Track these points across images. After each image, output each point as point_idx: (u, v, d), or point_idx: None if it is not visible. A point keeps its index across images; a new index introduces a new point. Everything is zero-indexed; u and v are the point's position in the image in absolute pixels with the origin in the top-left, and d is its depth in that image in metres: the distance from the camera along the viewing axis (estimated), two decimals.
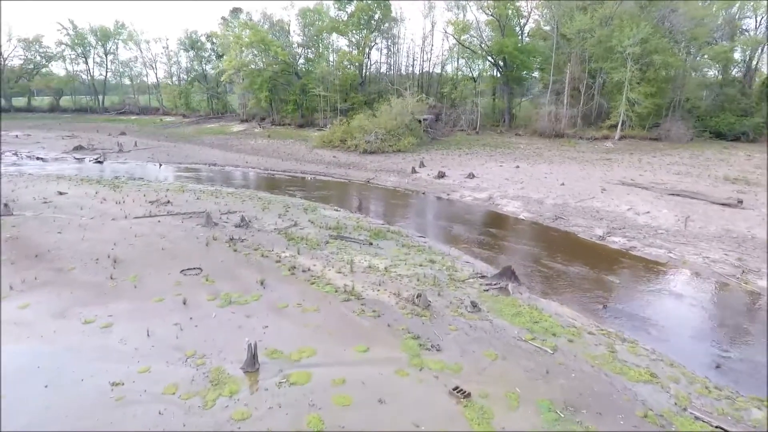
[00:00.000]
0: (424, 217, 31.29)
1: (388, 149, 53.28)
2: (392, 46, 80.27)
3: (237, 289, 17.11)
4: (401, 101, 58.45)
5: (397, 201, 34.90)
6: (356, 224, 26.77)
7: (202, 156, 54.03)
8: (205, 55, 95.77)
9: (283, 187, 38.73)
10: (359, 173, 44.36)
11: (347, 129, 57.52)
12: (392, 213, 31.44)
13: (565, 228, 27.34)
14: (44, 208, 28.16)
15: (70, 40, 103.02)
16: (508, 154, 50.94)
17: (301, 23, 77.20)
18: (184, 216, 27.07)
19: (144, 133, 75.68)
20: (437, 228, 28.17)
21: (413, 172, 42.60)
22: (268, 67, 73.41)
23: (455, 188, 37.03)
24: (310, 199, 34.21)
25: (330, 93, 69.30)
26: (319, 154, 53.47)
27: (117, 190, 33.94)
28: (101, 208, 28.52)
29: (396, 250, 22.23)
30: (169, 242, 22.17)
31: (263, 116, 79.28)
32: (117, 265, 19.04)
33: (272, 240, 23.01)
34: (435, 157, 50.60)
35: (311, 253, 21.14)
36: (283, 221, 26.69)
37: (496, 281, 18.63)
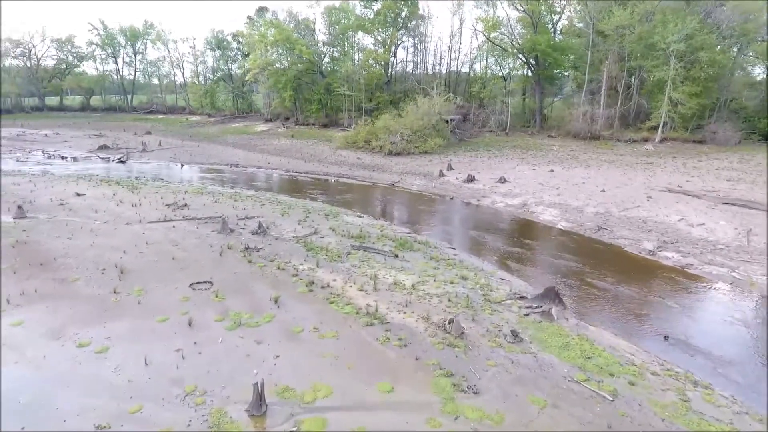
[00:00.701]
0: (453, 226, 29.21)
1: (413, 151, 51.33)
2: (419, 44, 78.23)
3: (248, 307, 15.48)
4: (428, 101, 56.38)
5: (424, 206, 32.92)
6: (380, 233, 24.93)
7: (224, 156, 53.15)
8: (230, 54, 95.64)
9: (304, 189, 37.23)
10: (384, 176, 42.54)
11: (372, 129, 55.81)
12: (419, 220, 29.49)
13: (609, 240, 24.88)
14: (59, 210, 27.29)
15: (100, 40, 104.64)
16: (541, 157, 48.30)
17: (326, 21, 75.90)
18: (200, 221, 25.75)
19: (169, 133, 75.69)
20: (468, 238, 26.07)
21: (440, 176, 40.54)
22: (292, 66, 72.38)
23: (486, 193, 34.81)
24: (333, 203, 32.56)
25: (355, 92, 67.73)
26: (342, 156, 51.89)
27: (135, 191, 33.00)
28: (116, 211, 27.49)
29: (424, 264, 20.29)
30: (180, 250, 20.79)
31: (287, 116, 78.32)
32: (123, 277, 17.68)
33: (290, 250, 21.38)
34: (463, 159, 48.38)
35: (331, 266, 19.40)
36: (303, 228, 25.06)
37: (537, 304, 16.50)
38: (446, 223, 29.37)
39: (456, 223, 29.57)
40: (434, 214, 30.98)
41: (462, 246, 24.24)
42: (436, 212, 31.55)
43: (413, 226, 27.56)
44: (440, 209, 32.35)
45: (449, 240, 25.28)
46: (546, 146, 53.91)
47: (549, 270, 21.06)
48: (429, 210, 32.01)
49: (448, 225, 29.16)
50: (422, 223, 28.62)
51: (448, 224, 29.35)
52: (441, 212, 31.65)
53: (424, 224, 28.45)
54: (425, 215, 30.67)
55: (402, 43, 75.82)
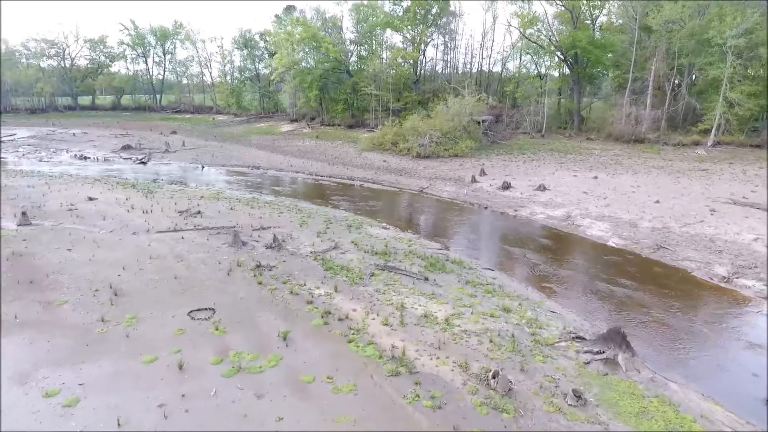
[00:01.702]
0: (488, 240, 26.26)
1: (443, 154, 48.46)
2: (450, 42, 75.17)
3: (252, 345, 13.10)
4: (459, 101, 53.37)
5: (456, 217, 30.10)
6: (408, 248, 22.27)
7: (246, 157, 51.45)
8: (257, 53, 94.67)
9: (327, 195, 34.90)
10: (412, 181, 39.86)
11: (399, 131, 53.17)
12: (450, 233, 26.71)
13: (672, 262, 21.54)
14: (67, 216, 25.70)
15: (131, 40, 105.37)
16: (581, 162, 44.70)
17: (353, 19, 73.71)
18: (212, 231, 23.66)
19: (194, 132, 74.93)
20: (507, 256, 23.11)
21: (473, 182, 37.57)
22: (318, 65, 70.44)
23: (524, 203, 31.71)
24: (356, 211, 30.09)
25: (382, 92, 65.23)
26: (368, 158, 49.43)
27: (149, 196, 31.32)
28: (125, 218, 25.71)
29: (458, 290, 17.54)
30: (185, 267, 18.64)
31: (313, 116, 76.52)
32: (116, 300, 15.59)
33: (306, 268, 18.97)
34: (496, 163, 45.23)
35: (352, 291, 16.87)
36: (322, 241, 22.65)
37: (599, 348, 13.56)
38: (481, 237, 26.46)
39: (492, 238, 26.60)
40: (467, 226, 28.10)
41: (501, 266, 21.34)
42: (469, 224, 28.66)
43: (444, 241, 24.80)
44: (473, 220, 29.43)
45: (486, 258, 22.43)
46: (586, 150, 50.15)
47: (606, 299, 17.99)
48: (461, 221, 29.17)
49: (484, 239, 26.24)
50: (454, 237, 25.82)
51: (484, 238, 26.41)
52: (474, 224, 28.74)
53: (456, 238, 25.65)
54: (457, 227, 27.84)
55: (432, 40, 73.00)
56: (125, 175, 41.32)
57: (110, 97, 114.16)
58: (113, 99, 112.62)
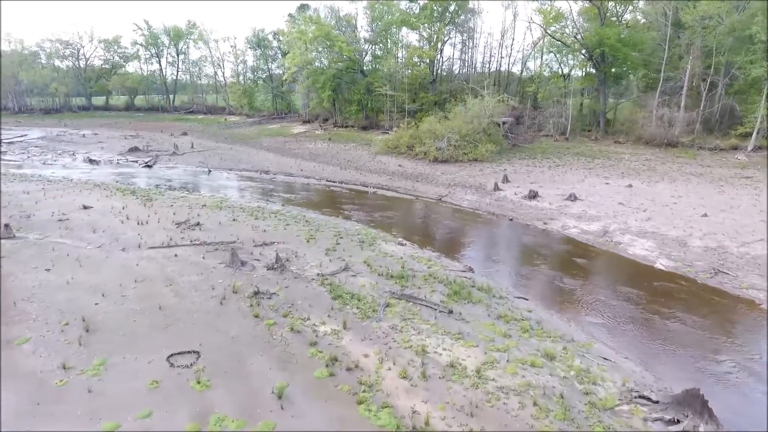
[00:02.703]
0: (518, 260, 23.37)
1: (462, 158, 45.68)
2: (468, 40, 72.22)
3: (240, 405, 10.62)
4: (479, 102, 50.54)
5: (479, 230, 27.38)
6: (427, 269, 19.65)
7: (255, 161, 49.30)
8: (270, 53, 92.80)
9: (338, 204, 32.42)
10: (429, 188, 37.18)
11: (415, 133, 50.56)
12: (474, 250, 23.98)
13: (735, 290, 18.56)
14: (55, 228, 23.61)
15: (144, 40, 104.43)
16: (611, 168, 41.55)
17: (368, 17, 71.28)
18: (209, 248, 21.32)
19: (205, 134, 73.27)
20: (541, 280, 20.30)
21: (496, 189, 34.76)
22: (331, 65, 68.14)
23: (553, 214, 28.82)
24: (369, 223, 27.55)
25: (397, 92, 62.64)
26: (382, 162, 46.89)
27: (148, 204, 29.19)
28: (117, 230, 23.52)
29: (489, 327, 14.86)
30: (173, 294, 16.28)
31: (325, 117, 74.27)
32: (87, 338, 13.27)
33: (311, 296, 16.47)
34: (519, 168, 42.32)
35: (363, 328, 14.31)
36: (331, 261, 20.14)
37: (672, 415, 10.80)
38: (509, 256, 23.63)
39: (521, 256, 23.74)
40: (492, 242, 25.33)
41: (536, 294, 18.57)
42: (494, 239, 25.88)
43: (467, 260, 22.10)
44: (498, 235, 26.64)
45: (517, 283, 19.70)
46: (614, 154, 46.93)
47: (665, 341, 15.13)
48: (485, 235, 26.42)
49: (512, 258, 23.39)
50: (478, 255, 23.10)
51: (512, 257, 23.57)
52: (500, 239, 25.93)
53: (480, 256, 22.92)
54: (481, 243, 25.10)
55: (450, 39, 70.18)
56: (128, 179, 39.39)
57: (124, 97, 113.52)
58: (127, 99, 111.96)
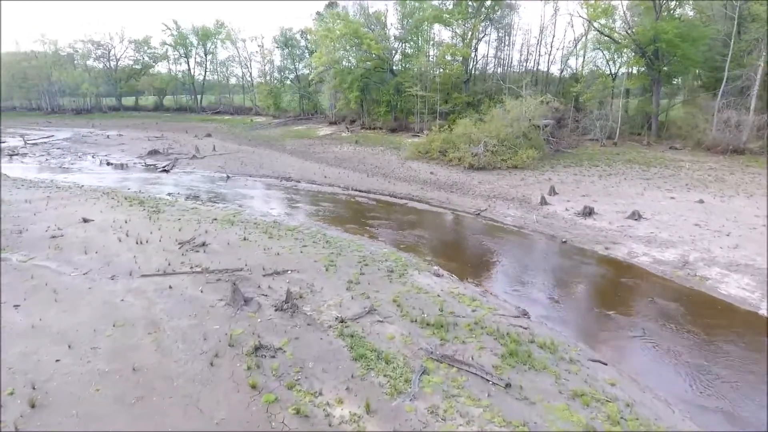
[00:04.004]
0: (581, 299, 19.03)
1: (500, 165, 41.50)
2: (505, 37, 67.64)
3: None
4: (519, 103, 46.19)
5: (528, 256, 23.33)
6: (472, 313, 15.84)
7: (277, 166, 46.32)
8: (297, 52, 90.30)
9: (363, 218, 28.87)
10: (465, 200, 33.22)
11: (448, 137, 46.58)
12: (525, 283, 19.95)
13: None
14: (44, 248, 20.90)
15: (173, 40, 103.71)
16: (672, 178, 36.60)
17: (399, 13, 67.60)
18: (211, 277, 18.09)
19: (230, 135, 71.13)
20: (618, 332, 16.01)
21: (543, 203, 30.54)
22: (359, 64, 64.81)
23: (616, 237, 24.46)
24: (399, 245, 23.86)
25: (429, 93, 58.74)
26: (413, 169, 43.13)
27: (153, 217, 26.34)
28: (112, 251, 20.61)
29: (563, 412, 10.96)
30: (154, 348, 13.01)
31: (353, 119, 71.05)
32: (28, 418, 10.09)
33: (326, 354, 12.93)
34: (566, 177, 37.85)
35: (393, 411, 10.65)
36: (353, 298, 16.57)
37: None
38: (568, 293, 19.40)
39: (584, 294, 19.47)
40: (545, 272, 21.20)
41: (614, 353, 14.45)
42: (548, 268, 21.74)
43: (519, 297, 18.14)
44: (552, 262, 22.46)
45: (585, 334, 15.63)
46: (672, 162, 41.81)
47: None
48: (536, 263, 22.32)
49: (573, 297, 19.14)
50: (531, 291, 19.06)
51: (572, 295, 19.31)
52: (554, 268, 21.76)
53: (534, 293, 18.88)
54: (532, 273, 21.03)
55: (485, 36, 65.79)
56: (141, 186, 36.89)
57: (153, 97, 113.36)
58: (155, 100, 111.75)
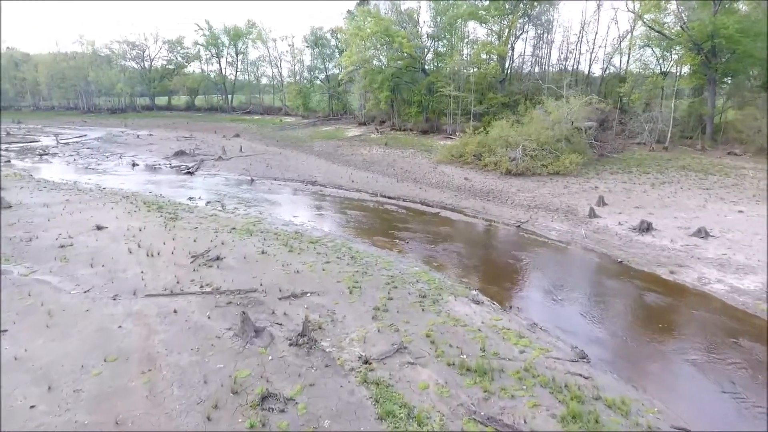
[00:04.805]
0: (649, 338, 15.83)
1: (540, 170, 38.49)
2: (544, 34, 64.08)
3: None
4: (562, 104, 43.01)
5: (579, 279, 20.51)
6: (520, 356, 13.30)
7: (303, 169, 44.55)
8: (327, 52, 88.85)
9: (392, 229, 26.56)
10: (504, 209, 30.49)
11: (484, 140, 43.83)
12: (580, 315, 17.18)
13: None
14: (50, 259, 19.48)
15: (205, 40, 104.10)
16: (736, 188, 32.83)
17: (432, 10, 65.01)
18: (221, 299, 16.16)
19: (258, 136, 70.17)
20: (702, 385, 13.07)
21: (591, 216, 27.52)
22: (390, 63, 62.60)
23: (681, 258, 21.35)
24: (432, 262, 21.45)
25: (462, 93, 55.96)
26: (445, 174, 40.57)
27: (170, 224, 24.79)
28: (119, 265, 19.00)
29: None
30: (146, 394, 11.06)
31: (382, 119, 68.89)
32: None
33: (345, 410, 10.67)
34: (614, 186, 34.57)
35: None
36: (380, 331, 14.29)
37: None
38: (633, 329, 16.39)
39: (655, 332, 16.27)
40: (602, 301, 18.33)
41: (701, 416, 11.62)
42: (604, 295, 18.84)
43: (575, 334, 15.42)
44: (608, 288, 19.52)
45: (663, 388, 12.81)
46: (732, 169, 37.80)
47: None
48: (590, 289, 19.45)
49: (639, 334, 16.03)
50: (589, 326, 16.28)
51: (638, 332, 16.19)
52: (612, 296, 18.84)
53: (592, 328, 16.10)
54: (588, 302, 18.20)
55: (524, 32, 62.46)
56: (163, 188, 35.69)
57: (185, 97, 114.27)
58: (187, 99, 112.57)
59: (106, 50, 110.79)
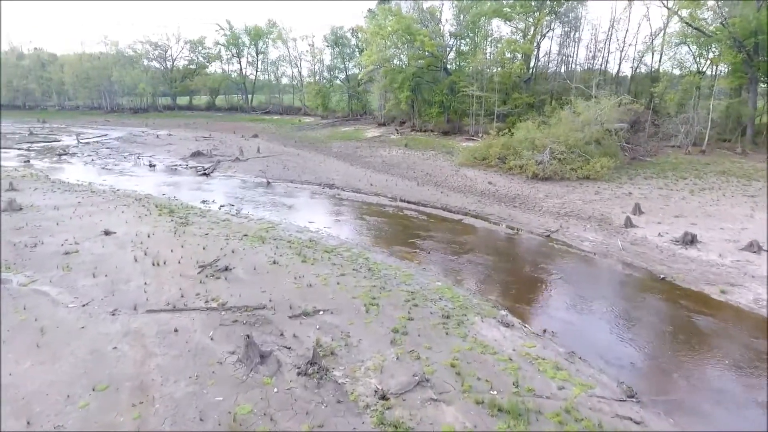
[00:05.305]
0: (707, 372, 13.90)
1: (569, 175, 36.41)
2: (572, 32, 61.60)
3: None
4: (593, 105, 40.82)
5: (620, 300, 18.61)
6: (560, 394, 11.63)
7: (320, 171, 43.33)
8: (348, 51, 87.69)
9: (411, 237, 25.01)
10: (531, 217, 28.64)
11: (508, 142, 41.92)
12: (623, 341, 15.35)
13: None
14: (52, 267, 18.55)
15: (226, 40, 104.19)
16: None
17: (455, 8, 63.18)
18: (226, 316, 14.88)
19: (277, 136, 69.38)
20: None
21: (628, 225, 25.49)
22: (411, 62, 61.02)
23: (733, 276, 19.28)
24: (455, 275, 19.85)
25: (486, 93, 54.01)
26: (468, 177, 38.82)
27: (180, 230, 23.75)
28: (123, 275, 17.94)
29: None
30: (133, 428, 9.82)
31: (403, 120, 67.31)
32: None
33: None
34: (649, 192, 32.36)
35: None
36: (398, 360, 12.78)
37: None
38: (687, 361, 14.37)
39: (710, 364, 14.16)
40: (649, 326, 16.33)
41: None
42: (651, 319, 16.83)
43: (621, 366, 13.64)
44: (655, 311, 17.50)
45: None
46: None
47: None
48: (632, 311, 17.50)
49: (695, 368, 14.06)
50: (636, 356, 14.44)
51: (693, 364, 14.19)
52: (660, 320, 16.84)
53: (640, 359, 14.27)
54: (630, 327, 16.32)
55: (549, 31, 60.14)
56: (177, 191, 34.86)
57: (206, 97, 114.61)
58: (208, 99, 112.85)
59: (129, 50, 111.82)
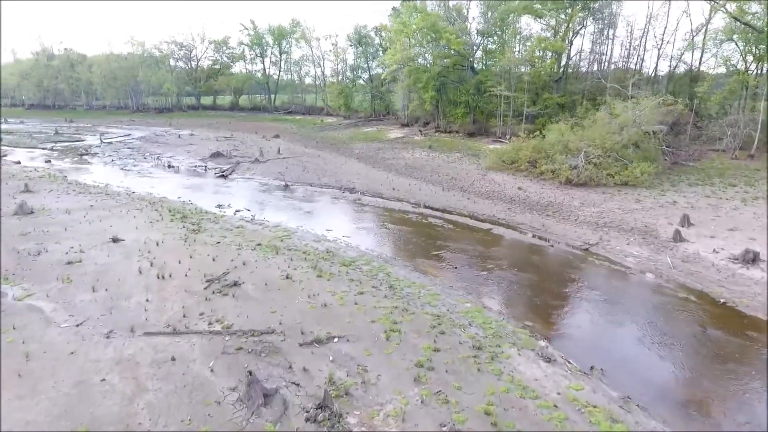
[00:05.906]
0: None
1: (606, 180, 33.90)
2: (606, 29, 58.52)
3: None
4: (632, 106, 38.13)
5: (675, 330, 16.32)
6: None
7: (341, 174, 41.75)
8: (371, 51, 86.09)
9: (436, 249, 23.10)
10: (566, 227, 26.38)
11: (539, 145, 39.54)
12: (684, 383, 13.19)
13: None
14: (51, 279, 17.37)
15: (250, 40, 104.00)
16: None
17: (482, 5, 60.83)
18: (230, 343, 13.31)
19: (298, 136, 68.31)
20: None
21: (677, 239, 23.03)
22: (436, 61, 58.99)
23: None
24: (485, 294, 17.91)
25: (515, 93, 51.59)
26: (496, 182, 36.66)
27: (191, 237, 22.43)
28: (125, 289, 16.61)
29: None
30: None
31: (426, 120, 65.33)
32: None
33: None
34: (696, 201, 29.66)
35: None
36: (423, 403, 10.96)
37: None
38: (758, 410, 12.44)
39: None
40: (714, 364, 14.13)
41: None
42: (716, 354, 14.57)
43: (688, 416, 11.55)
44: (718, 342, 15.17)
45: None
46: None
47: None
48: (692, 342, 15.28)
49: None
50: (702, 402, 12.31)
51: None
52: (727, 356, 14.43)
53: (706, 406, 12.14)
54: (691, 364, 14.13)
55: (585, 27, 57.20)
56: (193, 194, 33.74)
57: (229, 97, 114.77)
58: (232, 99, 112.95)
59: (155, 51, 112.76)
